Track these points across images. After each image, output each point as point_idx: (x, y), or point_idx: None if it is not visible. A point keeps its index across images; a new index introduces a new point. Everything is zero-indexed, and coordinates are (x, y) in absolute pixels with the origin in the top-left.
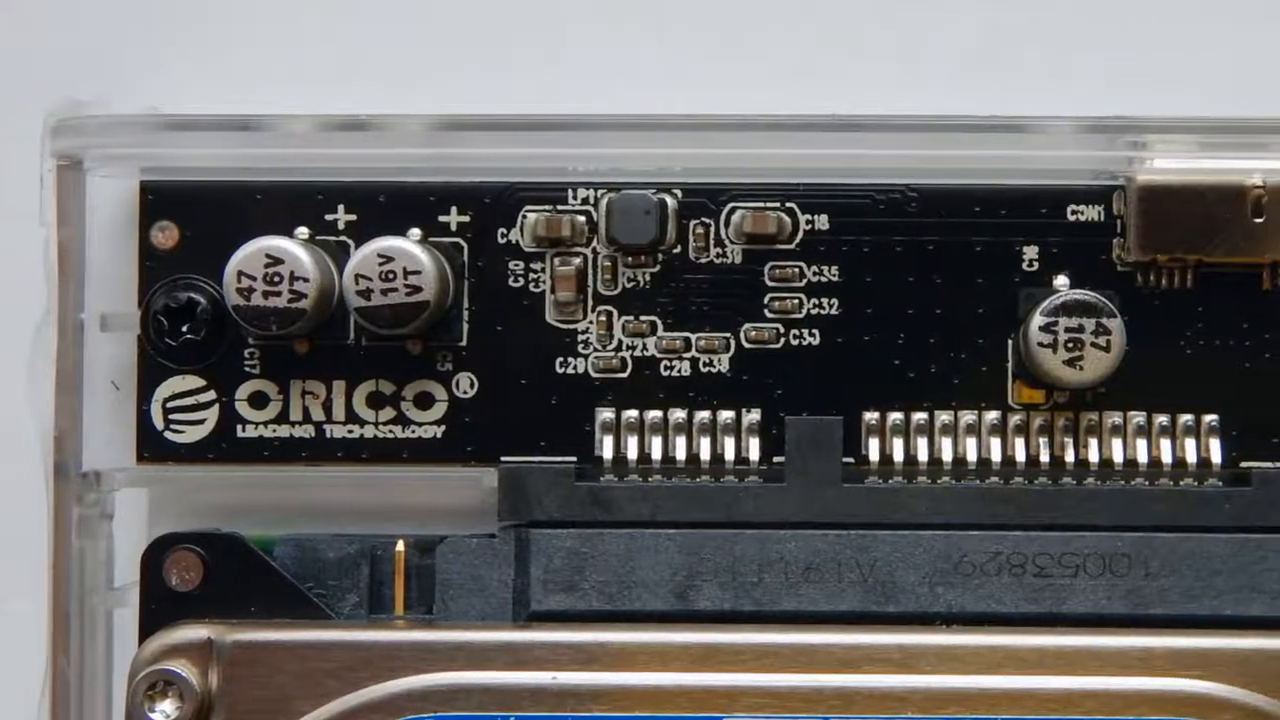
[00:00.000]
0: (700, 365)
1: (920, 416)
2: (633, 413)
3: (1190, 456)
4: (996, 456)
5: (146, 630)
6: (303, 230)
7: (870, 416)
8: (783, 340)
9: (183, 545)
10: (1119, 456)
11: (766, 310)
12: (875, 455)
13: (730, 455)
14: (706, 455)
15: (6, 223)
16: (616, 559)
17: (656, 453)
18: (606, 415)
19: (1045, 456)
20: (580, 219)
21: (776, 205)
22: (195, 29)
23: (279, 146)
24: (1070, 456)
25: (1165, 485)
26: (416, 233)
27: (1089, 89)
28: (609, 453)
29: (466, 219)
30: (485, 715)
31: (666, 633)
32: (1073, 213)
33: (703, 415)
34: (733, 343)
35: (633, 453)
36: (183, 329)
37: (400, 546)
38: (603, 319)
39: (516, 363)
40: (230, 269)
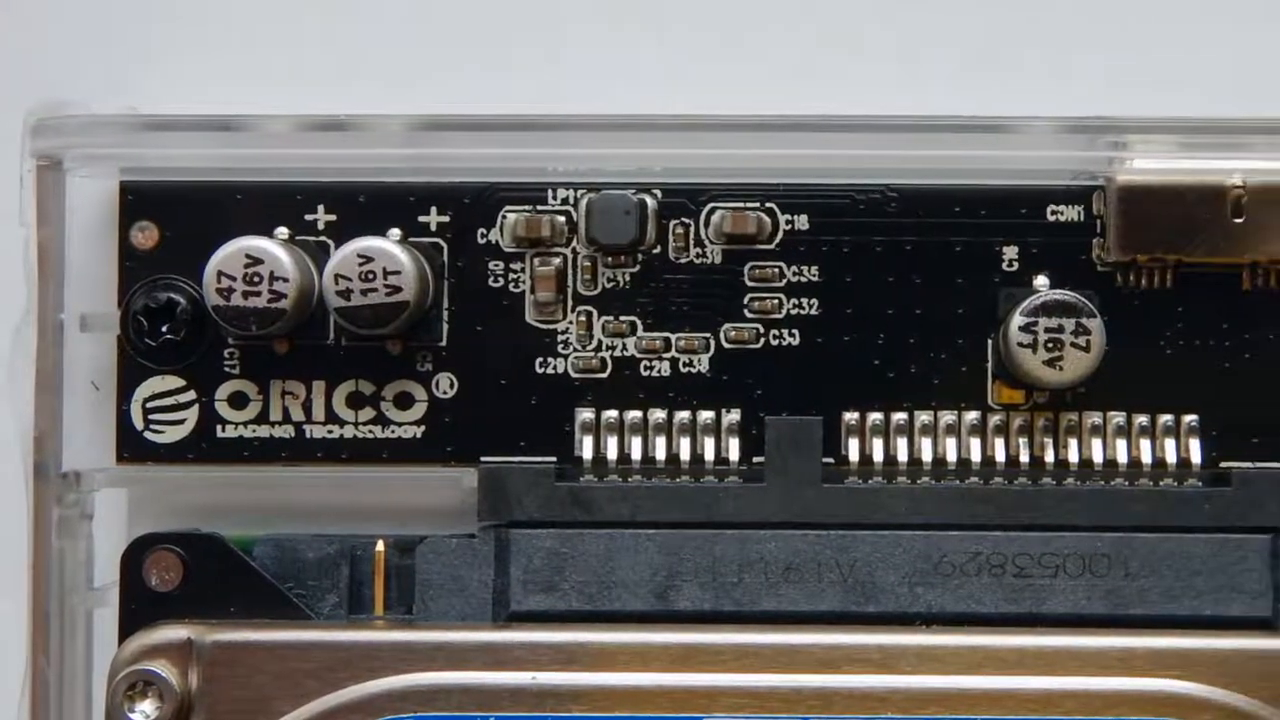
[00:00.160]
0: (680, 365)
1: (900, 417)
2: (612, 413)
3: (1170, 457)
4: (976, 457)
5: (126, 630)
6: (282, 230)
7: (850, 417)
8: (762, 340)
9: (162, 545)
10: (1099, 457)
11: (746, 310)
12: (855, 455)
13: (710, 455)
14: (686, 455)
15: None
16: (596, 559)
17: (636, 453)
18: (586, 415)
19: (1025, 457)
20: (560, 219)
21: (756, 205)
22: (175, 29)
23: (259, 147)
24: (1050, 457)
25: (1145, 485)
26: (396, 233)
27: (1088, 89)
28: (589, 453)
29: (446, 219)
30: (465, 715)
31: (646, 633)
32: (1052, 213)
33: (682, 415)
34: (712, 343)
35: (612, 453)
36: (162, 329)
37: (380, 547)
38: (582, 319)
39: (496, 363)
40: (210, 269)
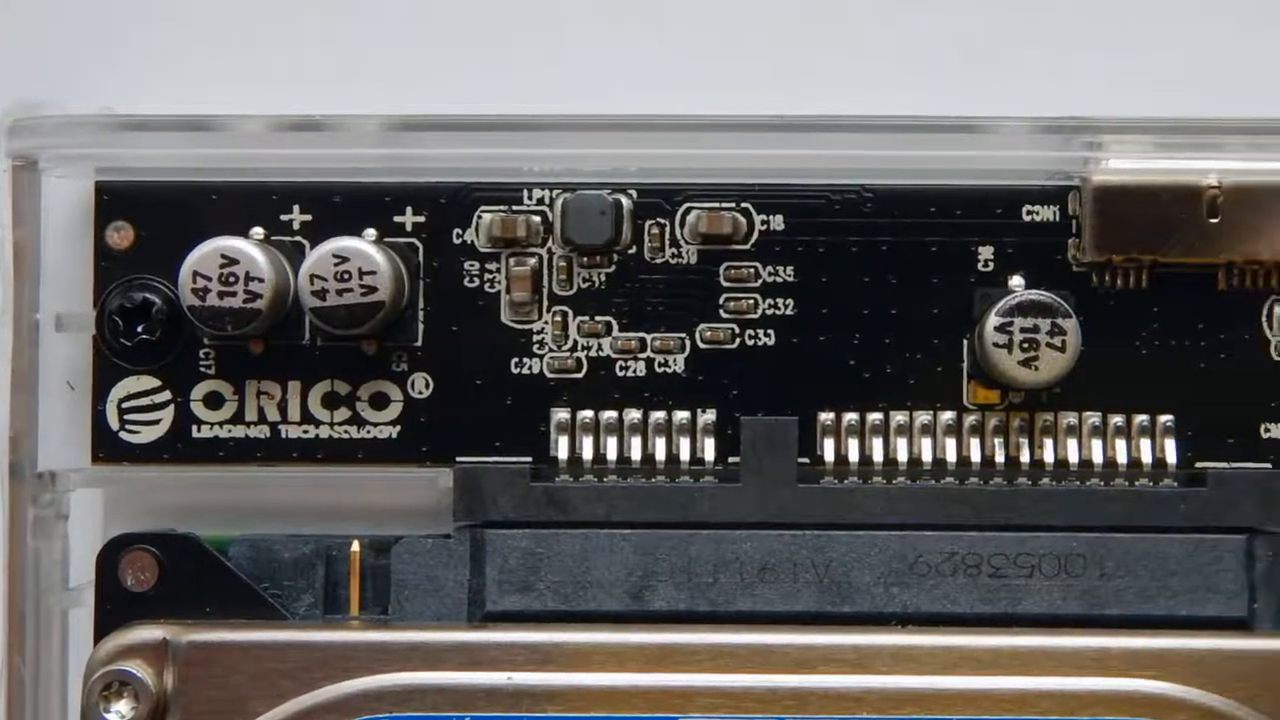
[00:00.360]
0: (656, 365)
1: (875, 417)
2: (588, 413)
3: (1146, 457)
4: (952, 457)
5: (102, 630)
6: (258, 230)
7: (825, 417)
8: (738, 340)
9: (138, 545)
10: (1074, 457)
11: (722, 310)
12: (830, 456)
13: (685, 456)
14: (662, 456)
15: None
16: (572, 559)
17: (612, 453)
18: (562, 415)
19: (1000, 457)
20: (535, 219)
21: (731, 205)
22: (150, 29)
23: (234, 147)
24: (1025, 457)
25: (1120, 486)
26: (372, 233)
27: (1070, 90)
28: (564, 453)
29: (422, 219)
30: (440, 715)
31: (622, 633)
32: (1028, 213)
33: (658, 415)
34: (688, 343)
35: (588, 453)
36: (138, 329)
37: (355, 547)
38: (558, 319)
39: (472, 363)
40: (185, 269)
